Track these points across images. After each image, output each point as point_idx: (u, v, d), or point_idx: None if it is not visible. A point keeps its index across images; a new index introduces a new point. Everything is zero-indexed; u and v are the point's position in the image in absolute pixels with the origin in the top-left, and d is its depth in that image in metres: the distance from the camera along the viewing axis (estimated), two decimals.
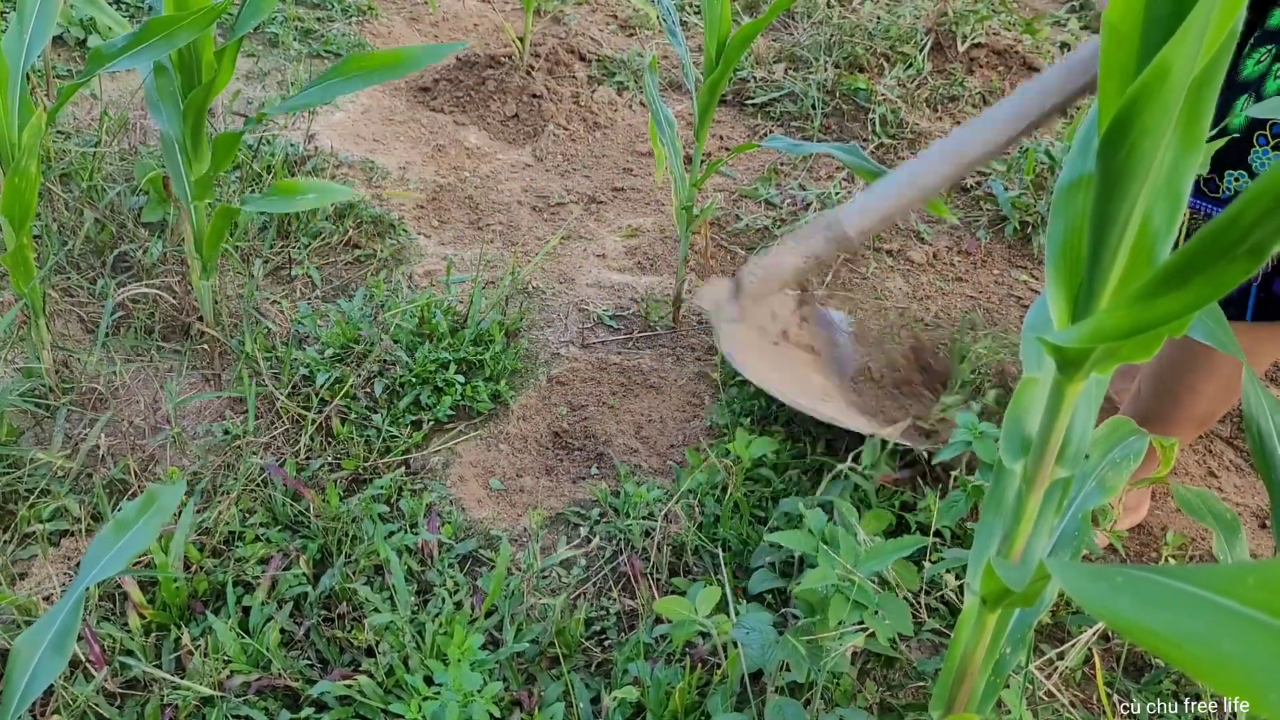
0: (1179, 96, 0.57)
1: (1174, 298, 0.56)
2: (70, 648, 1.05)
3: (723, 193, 2.77)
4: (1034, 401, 0.83)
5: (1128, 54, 0.61)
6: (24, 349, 1.90)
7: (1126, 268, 0.66)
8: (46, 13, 1.66)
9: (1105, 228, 0.65)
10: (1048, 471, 0.79)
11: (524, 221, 2.61)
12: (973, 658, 0.91)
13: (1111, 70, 0.62)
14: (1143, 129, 0.58)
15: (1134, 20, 0.60)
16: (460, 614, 1.48)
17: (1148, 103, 0.57)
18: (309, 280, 2.26)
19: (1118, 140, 0.60)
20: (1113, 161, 0.61)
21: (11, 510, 1.61)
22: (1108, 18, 0.61)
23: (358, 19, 3.45)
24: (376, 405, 1.90)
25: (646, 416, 2.02)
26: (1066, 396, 0.73)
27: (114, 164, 2.40)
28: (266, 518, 1.65)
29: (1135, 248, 0.66)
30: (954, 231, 2.65)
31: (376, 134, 2.89)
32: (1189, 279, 0.55)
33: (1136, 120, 0.58)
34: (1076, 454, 0.81)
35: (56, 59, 2.85)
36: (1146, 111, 0.57)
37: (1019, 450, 0.82)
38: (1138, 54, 0.61)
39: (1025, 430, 0.82)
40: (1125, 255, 0.66)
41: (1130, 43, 0.60)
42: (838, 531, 1.32)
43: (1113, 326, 0.60)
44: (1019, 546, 0.83)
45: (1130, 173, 0.61)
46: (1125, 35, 0.60)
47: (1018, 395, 0.84)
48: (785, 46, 3.45)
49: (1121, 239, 0.64)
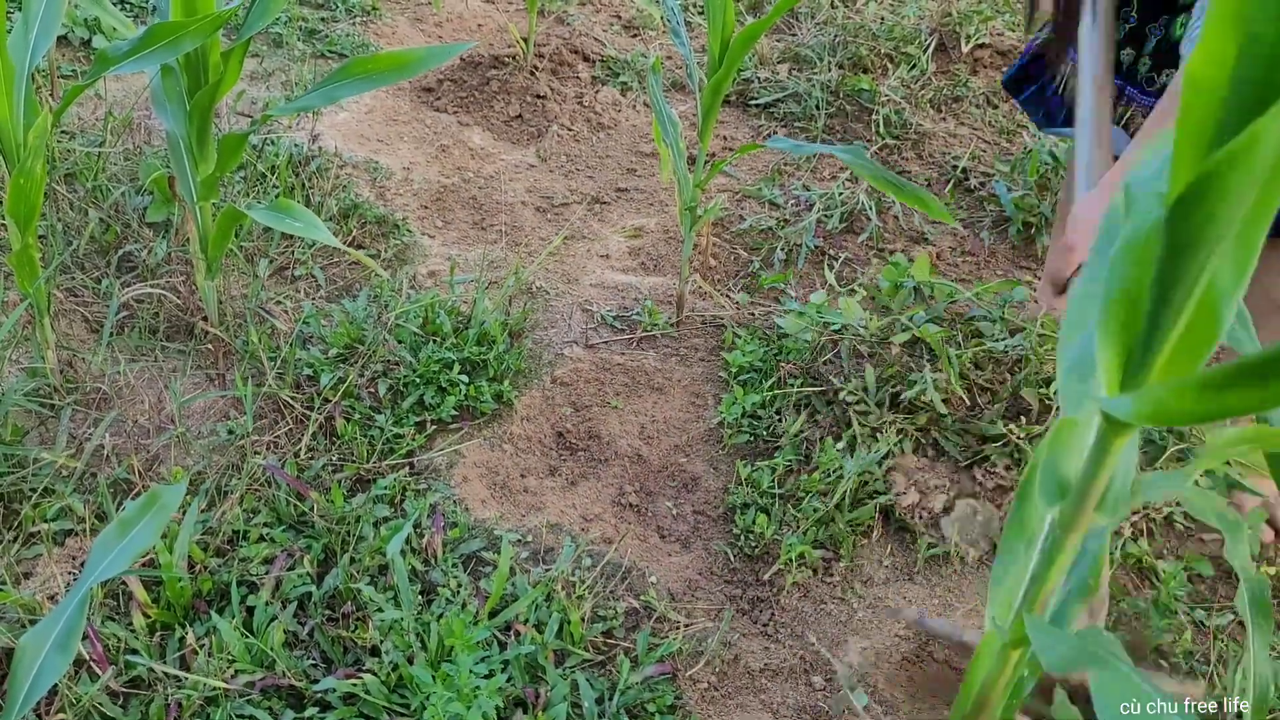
0: (1266, 168, 0.53)
1: (1247, 394, 0.54)
2: (75, 647, 1.06)
3: (726, 193, 2.77)
4: (1074, 444, 0.79)
5: (1207, 113, 0.57)
6: (29, 349, 1.91)
7: (1186, 329, 0.64)
8: (52, 13, 1.67)
9: (1170, 289, 0.61)
10: (1087, 519, 0.76)
11: (528, 222, 2.61)
12: (994, 688, 0.89)
13: (1189, 127, 0.58)
14: (1221, 198, 0.55)
15: (1221, 77, 0.55)
16: (464, 613, 1.48)
17: (1231, 171, 0.53)
18: (313, 280, 2.27)
19: (1194, 206, 0.56)
20: (1185, 225, 0.58)
21: (16, 510, 1.62)
22: (1190, 70, 0.57)
23: (362, 19, 3.46)
24: (380, 405, 1.90)
25: (650, 417, 2.02)
26: (1114, 448, 0.70)
27: (119, 164, 2.40)
28: (270, 517, 1.66)
29: (1197, 309, 0.63)
30: (957, 232, 2.65)
31: (380, 134, 2.89)
32: (1269, 378, 0.52)
33: (1216, 189, 0.54)
34: (1117, 501, 0.78)
35: (61, 59, 2.86)
36: (1228, 180, 0.54)
37: (1056, 495, 0.78)
38: (1219, 115, 0.57)
39: (1063, 474, 0.78)
40: (1188, 316, 0.63)
41: (1212, 100, 0.56)
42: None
43: (1175, 410, 0.58)
44: (1048, 590, 0.81)
45: (1202, 239, 0.58)
46: (1208, 91, 0.56)
47: (1056, 436, 0.79)
48: (789, 47, 3.45)
49: (1186, 301, 0.62)
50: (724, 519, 1.82)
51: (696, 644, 1.57)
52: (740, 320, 2.27)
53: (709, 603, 1.66)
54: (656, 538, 1.78)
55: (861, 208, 2.63)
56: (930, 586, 1.71)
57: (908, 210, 2.67)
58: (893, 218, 2.65)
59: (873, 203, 2.64)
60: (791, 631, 1.62)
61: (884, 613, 1.65)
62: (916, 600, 1.68)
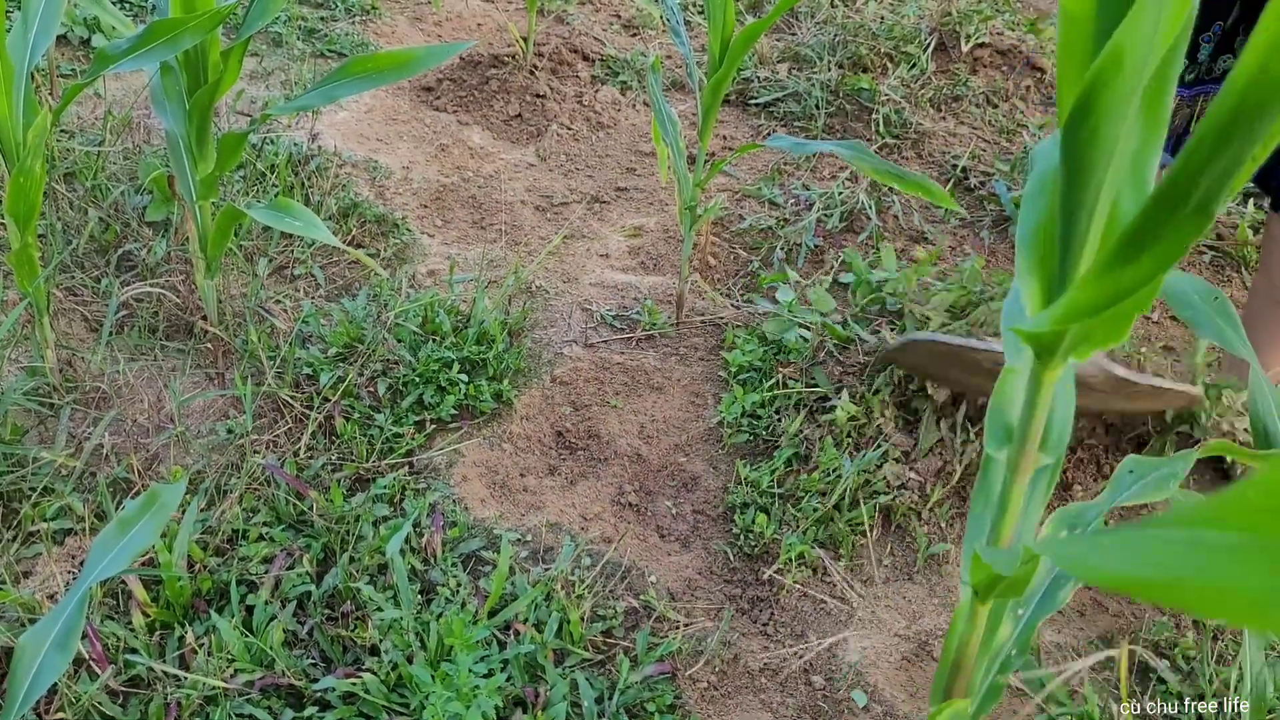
0: (1137, 80, 0.57)
1: (1136, 265, 0.57)
2: (74, 646, 1.05)
3: (726, 193, 2.77)
4: (1015, 391, 0.85)
5: (1084, 40, 0.62)
6: (28, 348, 1.91)
7: (1097, 253, 0.67)
8: (51, 12, 1.67)
9: (1073, 214, 0.65)
10: (1031, 459, 0.80)
11: (527, 221, 2.61)
12: (967, 650, 0.91)
13: (1070, 57, 0.63)
14: (1102, 113, 0.59)
15: (1089, 5, 0.61)
16: (464, 613, 1.48)
17: (1104, 87, 0.57)
18: (312, 279, 2.26)
19: (1078, 126, 0.61)
20: (1075, 147, 0.62)
21: (15, 509, 1.62)
22: (1064, 5, 0.62)
23: (361, 18, 3.45)
24: (380, 404, 1.90)
25: (650, 416, 2.02)
26: (1044, 384, 0.75)
27: (118, 163, 2.40)
28: (270, 517, 1.66)
29: (1105, 232, 0.66)
30: (958, 231, 2.65)
31: (380, 133, 2.89)
32: (1145, 245, 0.56)
33: (1095, 105, 0.59)
34: (1059, 440, 0.84)
35: (60, 58, 2.86)
36: (1104, 95, 0.58)
37: (1002, 438, 0.85)
38: (1093, 40, 0.62)
39: (1007, 419, 0.85)
40: (1095, 241, 0.67)
41: (1085, 28, 0.61)
42: None
43: (1083, 301, 0.61)
44: (1007, 535, 0.84)
45: (1093, 158, 0.62)
46: (1080, 21, 0.61)
47: (1000, 385, 0.86)
48: (789, 46, 3.45)
49: (1090, 225, 0.65)
50: (723, 518, 1.82)
51: (696, 643, 1.57)
52: (740, 320, 2.27)
53: (709, 602, 1.66)
54: (656, 537, 1.78)
55: (861, 207, 2.63)
56: (930, 586, 1.71)
57: (907, 209, 2.67)
58: (893, 217, 2.65)
59: (872, 202, 2.64)
60: (791, 631, 1.62)
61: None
62: (916, 600, 1.68)
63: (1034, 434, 0.78)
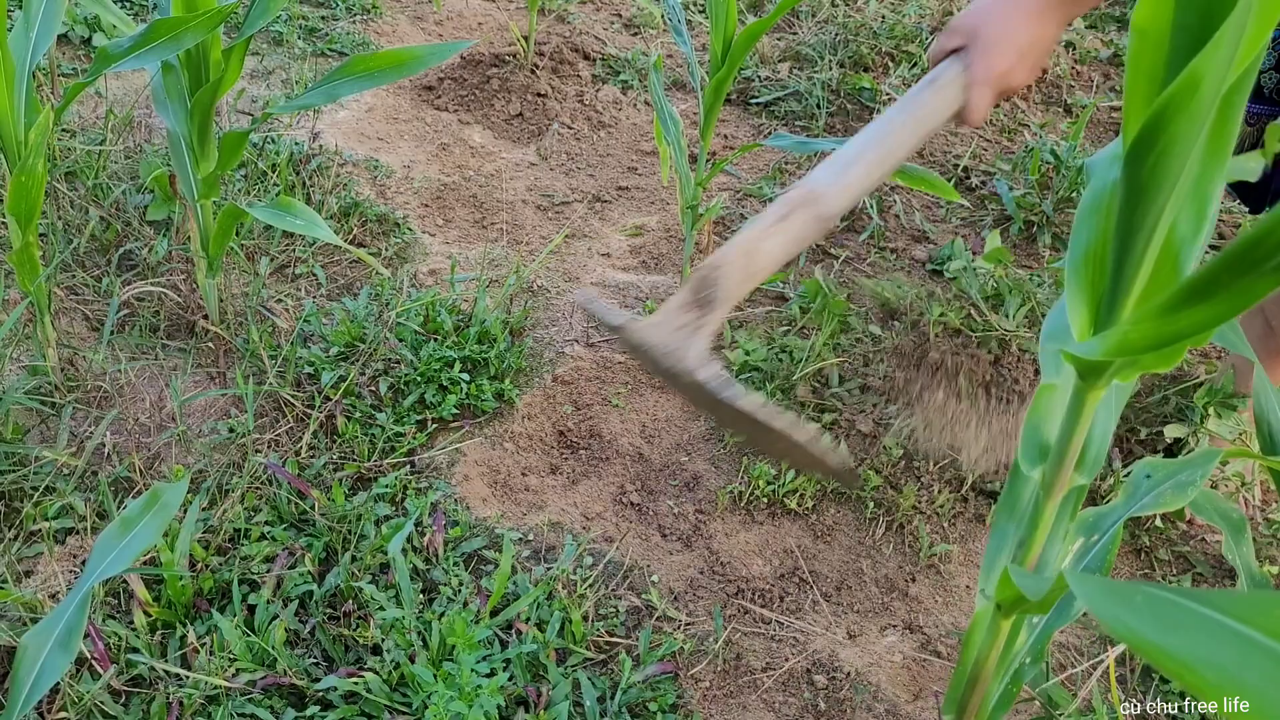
0: (1210, 107, 0.55)
1: (1198, 311, 0.55)
2: (76, 645, 1.05)
3: (727, 192, 2.77)
4: (1052, 408, 0.82)
5: (1155, 61, 0.59)
6: (29, 347, 1.90)
7: (1151, 277, 0.65)
8: (52, 11, 1.66)
9: (1130, 237, 0.63)
10: (1066, 478, 0.78)
11: (528, 220, 2.61)
12: (986, 663, 0.90)
13: (1138, 77, 0.60)
14: (1171, 139, 0.56)
15: (1163, 26, 0.58)
16: (466, 612, 1.48)
17: (1177, 113, 0.55)
18: (314, 278, 2.26)
19: (1145, 150, 0.58)
20: (1139, 171, 0.60)
21: (17, 508, 1.62)
22: (1136, 22, 0.59)
23: (362, 17, 3.45)
24: (381, 404, 1.90)
25: (651, 415, 2.02)
26: (1087, 404, 0.72)
27: (119, 162, 2.40)
28: (272, 516, 1.66)
29: (1161, 257, 0.64)
30: (958, 231, 2.65)
31: (381, 132, 2.89)
32: (1214, 293, 0.54)
33: (1165, 131, 0.56)
34: (1095, 461, 0.80)
35: (61, 57, 2.86)
36: (1175, 122, 0.55)
37: (1037, 457, 0.81)
38: (1166, 61, 0.59)
39: (1044, 437, 0.81)
40: (1150, 265, 0.64)
41: (1158, 49, 0.59)
42: None
43: (1136, 340, 0.59)
44: (1035, 553, 0.82)
45: (1157, 183, 0.59)
46: (1153, 41, 0.58)
47: (1036, 401, 0.83)
48: (790, 45, 3.45)
49: (1147, 249, 0.63)
50: (725, 517, 1.81)
51: (698, 643, 1.57)
52: (739, 320, 2.27)
53: (711, 601, 1.66)
54: (658, 536, 1.78)
55: (862, 206, 2.63)
56: (931, 587, 1.71)
57: (909, 209, 2.67)
58: (894, 216, 2.65)
59: (874, 201, 2.63)
60: (794, 630, 1.62)
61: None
62: (917, 600, 1.68)
63: (1072, 453, 0.76)
